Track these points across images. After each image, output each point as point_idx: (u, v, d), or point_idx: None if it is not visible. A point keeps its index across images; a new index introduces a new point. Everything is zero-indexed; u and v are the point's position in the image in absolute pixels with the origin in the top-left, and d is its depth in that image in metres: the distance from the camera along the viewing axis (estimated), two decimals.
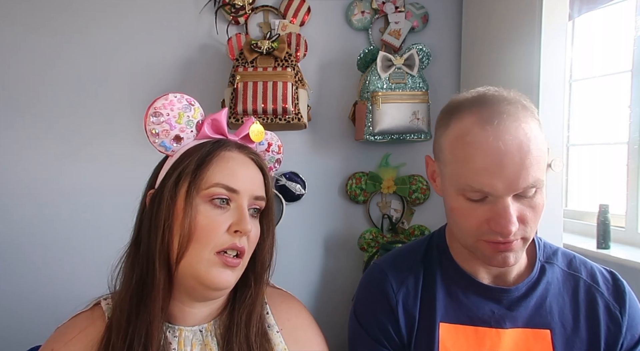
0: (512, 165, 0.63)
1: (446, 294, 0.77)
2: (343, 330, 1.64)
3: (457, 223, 0.72)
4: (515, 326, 0.74)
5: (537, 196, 0.67)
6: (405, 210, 1.74)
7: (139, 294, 0.65)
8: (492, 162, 0.64)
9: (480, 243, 0.70)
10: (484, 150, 0.64)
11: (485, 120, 0.65)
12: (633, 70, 1.46)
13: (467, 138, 0.66)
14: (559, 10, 1.19)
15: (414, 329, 0.77)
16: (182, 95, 0.69)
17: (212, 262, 0.64)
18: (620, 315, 0.73)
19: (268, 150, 0.80)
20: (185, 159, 0.67)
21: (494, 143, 0.64)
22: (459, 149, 0.67)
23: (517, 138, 0.64)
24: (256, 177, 0.70)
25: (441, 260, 0.81)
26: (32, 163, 1.65)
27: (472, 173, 0.65)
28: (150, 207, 0.67)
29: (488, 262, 0.71)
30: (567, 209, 1.69)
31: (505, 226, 0.64)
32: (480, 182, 0.65)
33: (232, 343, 0.68)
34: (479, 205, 0.67)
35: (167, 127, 0.67)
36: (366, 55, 1.61)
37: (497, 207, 0.65)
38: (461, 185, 0.67)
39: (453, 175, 0.69)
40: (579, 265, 0.79)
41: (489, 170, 0.64)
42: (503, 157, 0.63)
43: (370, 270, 0.86)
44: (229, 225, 0.65)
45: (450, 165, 0.70)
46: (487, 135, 0.64)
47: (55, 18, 1.65)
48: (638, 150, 1.44)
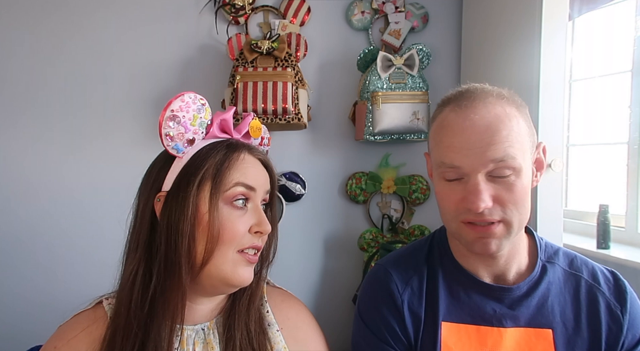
0: (478, 141, 0.68)
1: (448, 293, 0.78)
2: (343, 330, 1.65)
3: (441, 208, 0.75)
4: (517, 325, 0.74)
5: (516, 178, 0.69)
6: (405, 210, 1.74)
7: (154, 299, 0.64)
8: (460, 138, 0.69)
9: (460, 226, 0.72)
10: (453, 128, 0.71)
11: (459, 106, 0.72)
12: (633, 70, 1.46)
13: (444, 123, 0.73)
14: (559, 10, 1.19)
15: (420, 329, 0.77)
16: (195, 95, 0.68)
17: (237, 260, 0.67)
18: (622, 315, 0.73)
19: (261, 144, 0.81)
20: (201, 163, 0.66)
21: (462, 122, 0.70)
22: (437, 134, 0.74)
23: (485, 118, 0.69)
24: (264, 174, 0.73)
25: (443, 259, 0.81)
26: (35, 162, 1.66)
27: (444, 150, 0.71)
28: (167, 212, 0.65)
29: (470, 248, 0.73)
30: (567, 209, 1.69)
31: (474, 202, 0.67)
32: (450, 158, 0.70)
33: (232, 329, 0.69)
34: (455, 184, 0.71)
35: (183, 130, 0.66)
36: (366, 55, 1.61)
37: (469, 184, 0.69)
38: (439, 166, 0.73)
39: (434, 159, 0.75)
40: (580, 264, 0.79)
41: (457, 145, 0.69)
42: (470, 133, 0.68)
43: (374, 271, 0.85)
44: (250, 226, 0.68)
45: (432, 151, 0.77)
46: (457, 116, 0.71)
47: (55, 18, 1.65)
48: (638, 150, 1.44)
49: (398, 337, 0.77)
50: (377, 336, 0.78)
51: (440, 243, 0.83)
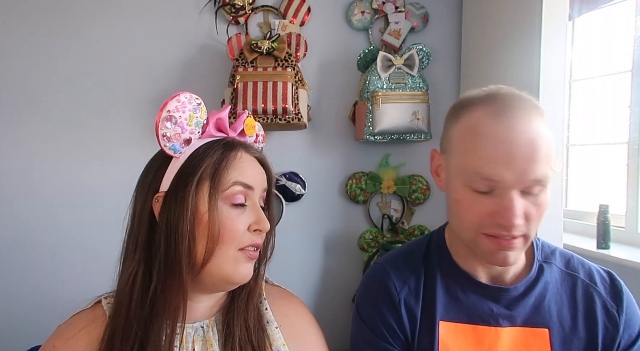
0: (522, 157, 0.64)
1: (445, 293, 0.78)
2: (343, 330, 1.64)
3: (459, 216, 0.72)
4: (513, 324, 0.74)
5: (543, 195, 0.67)
6: (405, 210, 1.74)
7: (154, 299, 0.64)
8: (503, 151, 0.64)
9: (480, 237, 0.69)
10: (494, 139, 0.65)
11: (497, 112, 0.66)
12: (633, 70, 1.46)
13: (478, 128, 0.67)
14: (559, 10, 1.19)
15: (416, 328, 0.77)
16: (190, 94, 0.68)
17: (237, 258, 0.67)
18: (618, 315, 0.74)
19: (256, 141, 0.81)
20: (198, 162, 0.66)
21: (505, 133, 0.64)
22: (469, 139, 0.68)
23: (528, 132, 0.65)
24: (262, 172, 0.73)
25: (440, 259, 0.81)
26: (35, 162, 1.66)
27: (482, 161, 0.66)
28: (166, 213, 0.65)
29: (488, 259, 0.71)
30: (567, 209, 1.69)
31: (510, 219, 0.65)
32: (489, 170, 0.65)
33: (232, 326, 0.69)
34: (485, 197, 0.67)
35: (179, 130, 0.66)
36: (366, 55, 1.61)
37: (504, 199, 0.65)
38: (469, 174, 0.68)
39: (461, 165, 0.69)
40: (576, 264, 0.79)
41: (499, 159, 0.64)
42: (514, 147, 0.64)
43: (373, 269, 0.86)
44: (249, 224, 0.68)
45: (458, 155, 0.70)
46: (499, 125, 0.65)
47: (55, 19, 1.65)
48: (638, 150, 1.44)
49: (396, 334, 0.78)
50: (376, 334, 0.79)
51: (438, 244, 0.83)
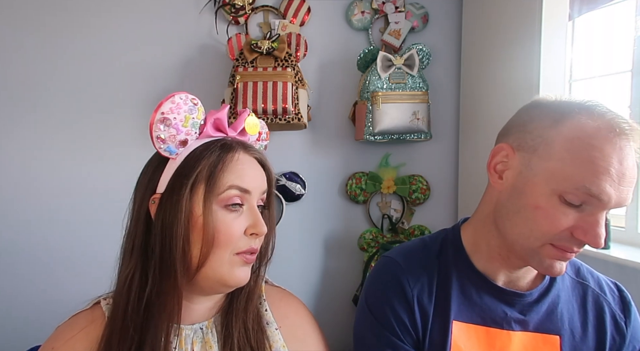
0: (629, 182, 0.64)
1: (460, 293, 0.77)
2: (343, 330, 1.64)
3: (534, 223, 0.69)
4: (525, 329, 0.74)
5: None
6: (405, 210, 1.74)
7: (150, 302, 0.64)
8: (618, 172, 0.64)
9: (546, 248, 0.68)
10: (612, 158, 0.64)
11: (614, 130, 0.65)
12: (633, 70, 1.46)
13: (594, 141, 0.64)
14: (559, 10, 1.19)
15: (428, 327, 0.76)
16: (186, 95, 0.67)
17: (233, 262, 0.66)
18: (626, 326, 0.75)
19: (259, 139, 0.80)
20: (194, 164, 0.65)
21: (622, 155, 0.64)
22: (582, 150, 0.65)
23: (635, 160, 0.65)
24: (261, 174, 0.71)
25: (456, 259, 0.80)
26: (35, 162, 1.66)
27: (594, 177, 0.64)
28: (161, 214, 0.64)
29: (545, 268, 0.70)
30: None
31: (598, 237, 0.65)
32: (597, 188, 0.63)
33: (231, 328, 0.69)
34: (572, 210, 0.66)
35: (174, 131, 0.65)
36: (366, 55, 1.61)
37: (594, 217, 0.65)
38: (570, 185, 0.65)
39: (560, 173, 0.66)
40: (586, 273, 0.81)
41: (614, 179, 0.63)
42: (627, 171, 0.64)
43: (384, 262, 0.83)
44: (245, 228, 0.66)
45: (558, 162, 0.67)
46: (617, 145, 0.64)
47: (55, 18, 1.65)
48: None
49: (408, 331, 0.76)
50: (387, 329, 0.77)
51: (454, 243, 0.82)
